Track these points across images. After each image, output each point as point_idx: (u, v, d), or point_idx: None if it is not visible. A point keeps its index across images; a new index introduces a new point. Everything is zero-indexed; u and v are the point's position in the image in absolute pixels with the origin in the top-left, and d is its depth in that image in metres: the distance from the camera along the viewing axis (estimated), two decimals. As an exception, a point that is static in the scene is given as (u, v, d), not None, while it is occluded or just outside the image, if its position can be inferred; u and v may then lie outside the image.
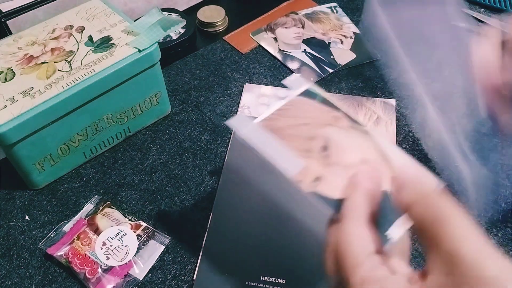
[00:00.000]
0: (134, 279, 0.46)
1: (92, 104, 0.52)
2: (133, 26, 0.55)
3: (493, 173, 0.55)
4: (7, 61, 0.52)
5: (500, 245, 0.49)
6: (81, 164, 0.56)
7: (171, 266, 0.48)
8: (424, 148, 0.57)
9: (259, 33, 0.73)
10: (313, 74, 0.66)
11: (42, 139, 0.50)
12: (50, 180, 0.55)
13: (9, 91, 0.49)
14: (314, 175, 0.35)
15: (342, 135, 0.38)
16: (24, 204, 0.53)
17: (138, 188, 0.54)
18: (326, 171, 0.35)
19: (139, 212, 0.52)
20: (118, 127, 0.57)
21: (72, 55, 0.52)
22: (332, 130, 0.38)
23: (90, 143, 0.55)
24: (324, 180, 0.34)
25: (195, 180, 0.55)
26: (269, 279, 0.46)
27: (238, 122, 0.38)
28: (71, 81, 0.49)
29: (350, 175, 0.33)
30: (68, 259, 0.47)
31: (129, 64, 0.52)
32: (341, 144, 0.37)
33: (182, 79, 0.66)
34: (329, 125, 0.38)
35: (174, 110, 0.62)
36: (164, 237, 0.49)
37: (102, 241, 0.48)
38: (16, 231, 0.51)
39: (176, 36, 0.68)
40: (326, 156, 0.36)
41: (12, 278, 0.47)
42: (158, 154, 0.57)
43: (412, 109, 0.61)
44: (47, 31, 0.55)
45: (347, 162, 0.36)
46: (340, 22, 0.74)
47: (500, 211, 0.51)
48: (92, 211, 0.51)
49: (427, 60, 0.47)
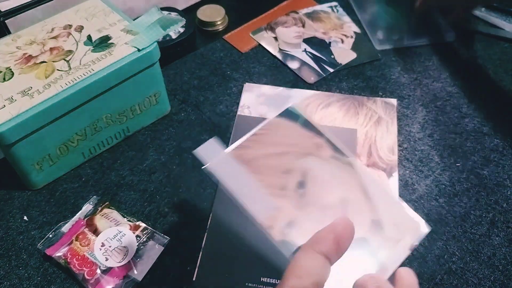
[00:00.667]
0: (133, 280, 0.46)
1: (91, 104, 0.51)
2: (132, 25, 0.55)
3: (493, 173, 0.54)
4: (6, 61, 0.51)
5: (502, 246, 0.48)
6: (80, 164, 0.56)
7: (170, 267, 0.48)
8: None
9: (259, 32, 0.72)
10: (313, 73, 0.66)
11: (41, 139, 0.50)
12: (48, 180, 0.54)
13: (8, 91, 0.48)
14: (287, 219, 0.32)
15: (323, 168, 0.34)
16: (23, 204, 0.53)
17: (137, 188, 0.54)
18: (300, 214, 0.32)
19: (138, 213, 0.52)
20: (117, 127, 0.56)
21: (71, 54, 0.52)
22: (312, 162, 0.34)
23: (89, 143, 0.55)
24: (297, 226, 0.32)
25: (195, 180, 0.55)
26: (269, 280, 0.46)
27: (206, 152, 0.34)
28: (70, 80, 0.49)
29: (326, 220, 0.30)
30: (67, 260, 0.47)
31: (128, 63, 0.51)
32: (320, 180, 0.34)
33: (182, 78, 0.66)
34: (309, 154, 0.35)
35: (173, 110, 0.62)
36: (163, 238, 0.49)
37: (101, 241, 0.48)
38: (14, 231, 0.50)
39: (176, 35, 0.67)
40: (302, 195, 0.33)
41: (10, 279, 0.47)
42: (157, 154, 0.57)
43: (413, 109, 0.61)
44: (46, 30, 0.55)
45: (324, 203, 0.33)
46: (341, 21, 0.74)
47: (502, 211, 0.51)
48: (91, 212, 0.51)
49: None
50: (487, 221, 0.50)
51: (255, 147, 0.34)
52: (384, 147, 0.57)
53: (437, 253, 0.48)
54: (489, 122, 0.60)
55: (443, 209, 0.52)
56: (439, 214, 0.51)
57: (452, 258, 0.48)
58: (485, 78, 0.65)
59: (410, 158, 0.56)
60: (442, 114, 0.61)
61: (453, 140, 0.58)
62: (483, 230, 0.50)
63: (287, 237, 0.31)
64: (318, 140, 0.35)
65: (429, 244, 0.49)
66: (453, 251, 0.48)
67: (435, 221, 0.50)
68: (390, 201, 0.34)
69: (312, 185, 0.33)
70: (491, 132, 0.59)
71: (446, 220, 0.51)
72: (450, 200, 0.52)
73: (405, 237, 0.32)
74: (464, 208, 0.52)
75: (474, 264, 0.47)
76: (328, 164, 0.34)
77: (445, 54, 0.68)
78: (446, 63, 0.67)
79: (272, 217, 0.31)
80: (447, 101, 0.62)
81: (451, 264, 0.47)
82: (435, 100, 0.63)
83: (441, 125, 0.60)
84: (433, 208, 0.51)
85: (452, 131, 0.59)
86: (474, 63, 0.67)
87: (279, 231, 0.31)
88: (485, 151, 0.57)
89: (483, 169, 0.55)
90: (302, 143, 0.35)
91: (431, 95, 0.63)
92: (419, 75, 0.66)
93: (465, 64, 0.67)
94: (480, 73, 0.66)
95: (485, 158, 0.56)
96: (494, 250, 0.48)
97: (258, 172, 0.33)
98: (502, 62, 0.67)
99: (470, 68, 0.67)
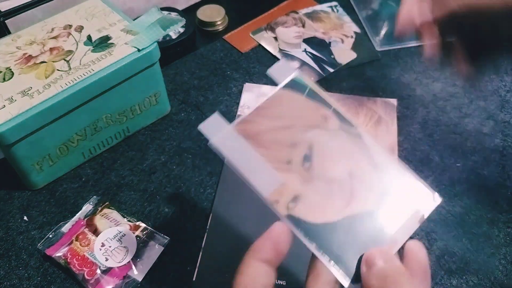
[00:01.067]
0: (133, 280, 0.46)
1: (91, 104, 0.51)
2: (132, 25, 0.55)
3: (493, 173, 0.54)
4: (6, 61, 0.51)
5: (502, 246, 0.48)
6: (80, 164, 0.56)
7: (170, 267, 0.48)
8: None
9: (259, 32, 0.72)
10: (313, 73, 0.66)
11: (41, 139, 0.50)
12: (48, 180, 0.54)
13: (8, 91, 0.48)
14: (293, 193, 0.31)
15: (330, 141, 0.34)
16: (23, 204, 0.53)
17: (137, 188, 0.54)
18: (306, 188, 0.32)
19: (138, 213, 0.52)
20: (117, 127, 0.56)
21: (71, 54, 0.52)
22: (318, 135, 0.34)
23: (89, 143, 0.55)
24: (303, 201, 0.31)
25: (195, 180, 0.54)
26: (269, 280, 0.46)
27: (210, 127, 0.33)
28: (69, 80, 0.49)
29: (332, 193, 0.30)
30: (67, 260, 0.47)
31: (128, 63, 0.51)
32: (327, 153, 0.33)
33: (182, 78, 0.66)
34: (316, 126, 0.34)
35: (173, 110, 0.62)
36: (163, 238, 0.49)
37: (101, 242, 0.48)
38: (14, 231, 0.50)
39: (176, 36, 0.67)
40: (308, 169, 0.32)
41: (11, 279, 0.47)
42: (157, 154, 0.57)
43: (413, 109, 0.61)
44: (46, 30, 0.55)
45: (331, 176, 0.32)
46: (341, 21, 0.74)
47: (502, 211, 0.51)
48: (91, 212, 0.51)
49: None
50: (487, 221, 0.50)
51: (260, 121, 0.33)
52: (384, 147, 0.56)
53: (437, 253, 0.48)
54: (489, 122, 0.60)
55: (443, 209, 0.52)
56: (440, 214, 0.51)
57: (452, 258, 0.48)
58: (485, 78, 0.65)
59: (410, 158, 0.56)
60: (442, 114, 0.61)
61: (453, 140, 0.58)
62: (483, 230, 0.50)
63: (293, 212, 0.31)
64: (325, 111, 0.34)
65: (429, 244, 0.49)
66: (453, 251, 0.48)
67: (435, 221, 0.50)
68: (399, 172, 0.33)
69: (318, 159, 0.33)
70: (491, 132, 0.59)
71: (446, 220, 0.51)
72: (450, 200, 0.52)
73: (415, 209, 0.32)
74: (464, 208, 0.52)
75: (474, 264, 0.47)
76: (335, 136, 0.34)
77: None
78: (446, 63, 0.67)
79: (277, 191, 0.31)
80: (447, 101, 0.62)
81: (451, 264, 0.47)
82: (435, 100, 0.63)
83: (441, 125, 0.60)
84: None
85: (452, 131, 0.59)
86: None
87: (285, 205, 0.31)
88: (485, 151, 0.57)
89: (483, 169, 0.55)
90: (308, 115, 0.34)
91: (431, 95, 0.63)
92: (419, 75, 0.66)
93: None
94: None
95: (485, 158, 0.56)
96: (494, 250, 0.48)
97: (263, 146, 0.32)
98: (502, 61, 0.67)
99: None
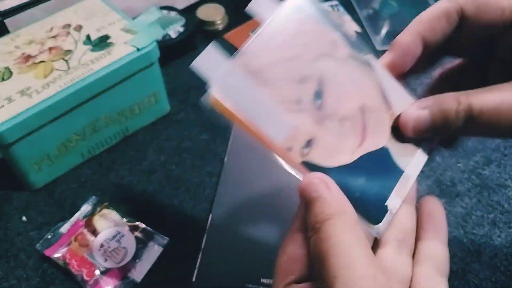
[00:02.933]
0: (132, 281, 0.46)
1: (90, 103, 0.51)
2: (132, 25, 0.54)
3: (495, 173, 0.54)
4: (4, 60, 0.51)
5: (503, 247, 0.48)
6: (78, 164, 0.56)
7: (169, 268, 0.47)
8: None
9: (259, 31, 0.72)
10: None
11: (40, 139, 0.49)
12: (47, 180, 0.54)
13: (6, 91, 0.48)
14: (306, 136, 0.29)
15: (340, 72, 0.30)
16: (21, 205, 0.52)
17: (136, 188, 0.54)
18: (320, 129, 0.29)
19: (137, 213, 0.51)
20: (116, 127, 0.56)
21: (70, 54, 0.52)
22: (328, 66, 0.30)
23: (88, 143, 0.55)
24: (317, 143, 0.29)
25: (194, 180, 0.54)
26: (270, 281, 0.46)
27: (206, 63, 0.29)
28: (68, 80, 0.49)
29: (346, 133, 0.28)
30: (65, 260, 0.46)
31: (127, 63, 0.51)
32: (337, 86, 0.30)
33: (181, 78, 0.65)
34: (324, 55, 0.30)
35: (173, 109, 0.62)
36: (162, 239, 0.49)
37: (100, 242, 0.48)
38: (13, 232, 0.50)
39: (175, 35, 0.67)
40: (320, 107, 0.29)
41: (9, 280, 0.47)
42: (156, 154, 0.57)
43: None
44: (45, 30, 0.55)
45: (344, 113, 0.30)
46: (341, 20, 0.74)
47: (503, 212, 0.51)
48: (90, 212, 0.51)
49: None
50: (488, 221, 0.50)
51: (262, 52, 0.29)
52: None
53: (438, 254, 0.48)
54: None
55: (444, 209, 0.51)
56: (440, 214, 0.51)
57: (453, 259, 0.48)
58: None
59: (411, 158, 0.56)
60: (443, 114, 0.61)
61: (454, 140, 0.58)
62: (485, 230, 0.50)
63: (308, 158, 0.28)
64: (333, 35, 0.31)
65: (430, 245, 0.48)
66: (454, 251, 0.48)
67: (436, 222, 0.50)
68: (410, 102, 0.32)
69: (329, 94, 0.29)
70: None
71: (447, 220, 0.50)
72: (451, 200, 0.52)
73: (424, 141, 0.31)
74: (465, 208, 0.51)
75: (475, 265, 0.47)
76: (344, 66, 0.30)
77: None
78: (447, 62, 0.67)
79: (290, 137, 0.28)
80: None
81: (452, 264, 0.47)
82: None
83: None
84: (434, 209, 0.51)
85: (453, 131, 0.59)
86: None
87: (299, 152, 0.28)
88: (486, 151, 0.56)
89: (484, 169, 0.55)
90: (315, 41, 0.30)
91: (432, 94, 0.63)
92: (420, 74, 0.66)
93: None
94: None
95: (486, 158, 0.56)
96: (495, 251, 0.48)
97: (269, 84, 0.28)
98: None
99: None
